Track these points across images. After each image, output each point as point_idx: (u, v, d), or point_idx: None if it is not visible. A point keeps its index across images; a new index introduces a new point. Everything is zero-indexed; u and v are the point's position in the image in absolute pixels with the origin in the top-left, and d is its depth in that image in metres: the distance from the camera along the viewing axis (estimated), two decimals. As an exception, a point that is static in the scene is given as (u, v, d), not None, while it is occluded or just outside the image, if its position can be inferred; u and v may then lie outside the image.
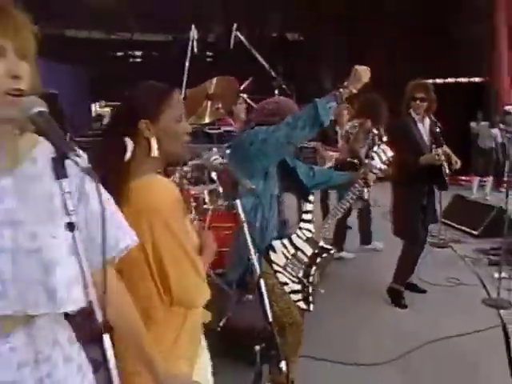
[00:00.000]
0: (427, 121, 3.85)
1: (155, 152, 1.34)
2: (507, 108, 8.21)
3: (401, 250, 4.06)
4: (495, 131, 8.53)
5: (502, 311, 3.81)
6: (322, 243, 2.44)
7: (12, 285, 0.94)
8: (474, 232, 6.03)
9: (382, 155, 2.52)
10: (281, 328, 2.32)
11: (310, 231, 2.43)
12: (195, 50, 3.58)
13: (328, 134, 5.28)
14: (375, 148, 2.58)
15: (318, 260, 2.41)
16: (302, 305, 2.40)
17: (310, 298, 2.40)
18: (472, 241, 5.89)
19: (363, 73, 2.08)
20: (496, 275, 4.42)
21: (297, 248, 2.38)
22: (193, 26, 3.78)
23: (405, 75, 4.37)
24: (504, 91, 9.67)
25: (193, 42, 3.64)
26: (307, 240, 2.40)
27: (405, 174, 3.69)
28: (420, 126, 3.83)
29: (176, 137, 1.37)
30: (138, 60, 16.35)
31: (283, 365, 1.44)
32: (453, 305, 4.01)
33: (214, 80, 3.41)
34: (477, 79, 8.39)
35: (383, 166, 2.52)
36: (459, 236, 6.09)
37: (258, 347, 2.27)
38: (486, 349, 3.24)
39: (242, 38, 3.76)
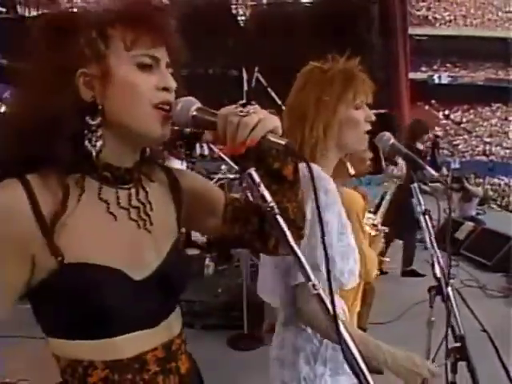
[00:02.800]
0: None
1: None
2: None
3: (403, 246, 5.19)
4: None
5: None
6: None
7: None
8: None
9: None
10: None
11: None
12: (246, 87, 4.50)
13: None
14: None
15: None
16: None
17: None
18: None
19: None
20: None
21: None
22: (243, 68, 4.69)
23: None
24: (405, 121, 11.95)
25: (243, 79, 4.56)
26: None
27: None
28: None
29: None
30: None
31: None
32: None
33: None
34: (382, 111, 10.47)
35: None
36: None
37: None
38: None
39: (262, 79, 4.74)
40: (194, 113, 0.77)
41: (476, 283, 4.98)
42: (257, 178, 0.74)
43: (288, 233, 0.71)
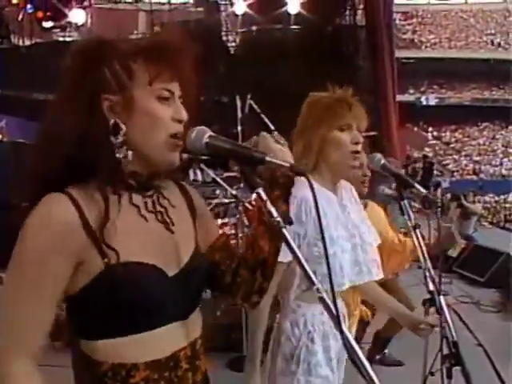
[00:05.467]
0: None
1: None
2: None
3: None
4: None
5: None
6: None
7: (350, 268, 1.48)
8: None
9: None
10: None
11: None
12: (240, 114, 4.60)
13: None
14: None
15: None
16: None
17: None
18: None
19: None
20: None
21: None
22: (237, 95, 4.77)
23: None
24: (393, 143, 12.09)
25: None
26: None
27: None
28: None
29: None
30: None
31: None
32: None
33: (254, 137, 4.46)
34: (371, 133, 10.62)
35: None
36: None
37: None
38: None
39: (255, 105, 4.84)
40: (207, 140, 0.86)
41: (470, 299, 5.08)
42: (264, 196, 0.83)
43: (293, 244, 0.80)
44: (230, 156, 0.87)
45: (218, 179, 3.76)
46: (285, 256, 1.34)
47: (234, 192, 3.63)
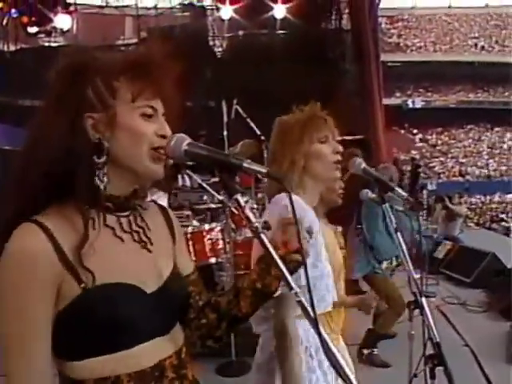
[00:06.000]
0: None
1: None
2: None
3: None
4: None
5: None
6: None
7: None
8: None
9: None
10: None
11: None
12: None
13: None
14: None
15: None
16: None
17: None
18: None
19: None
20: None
21: None
22: (223, 100, 4.76)
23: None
24: (380, 146, 12.18)
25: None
26: None
27: None
28: None
29: None
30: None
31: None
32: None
33: (241, 142, 4.47)
34: (358, 136, 10.72)
35: None
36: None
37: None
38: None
39: (241, 110, 4.84)
40: (186, 147, 0.87)
41: (456, 300, 5.12)
42: (242, 203, 0.83)
43: (271, 249, 0.81)
44: (209, 163, 0.88)
45: (204, 185, 3.76)
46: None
47: (220, 197, 3.63)
